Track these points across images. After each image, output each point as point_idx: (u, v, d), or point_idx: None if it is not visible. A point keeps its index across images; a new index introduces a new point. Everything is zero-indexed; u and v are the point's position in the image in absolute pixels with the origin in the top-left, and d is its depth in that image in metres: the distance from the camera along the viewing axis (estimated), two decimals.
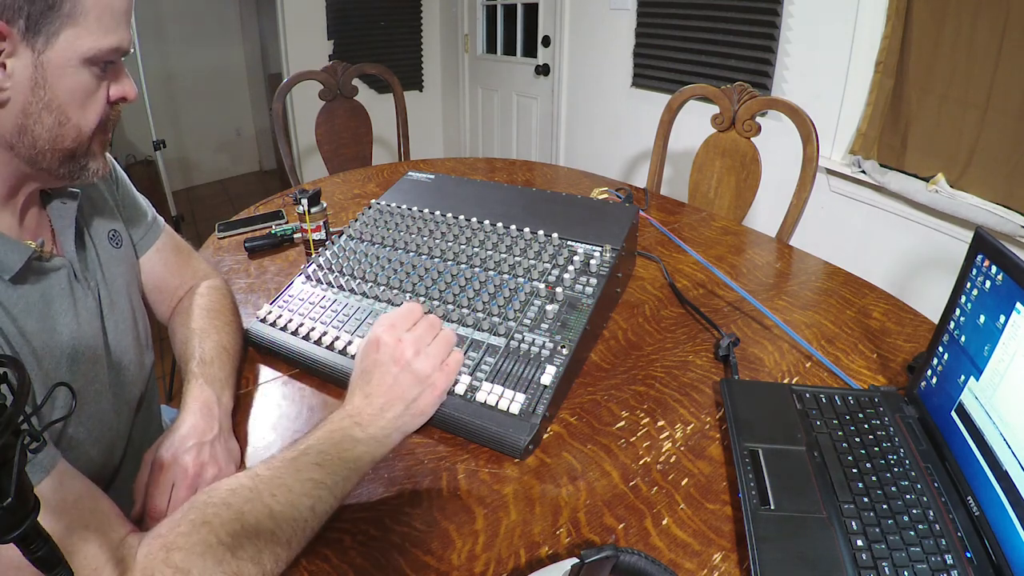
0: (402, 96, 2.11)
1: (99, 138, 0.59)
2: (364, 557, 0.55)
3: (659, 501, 0.61)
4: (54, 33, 0.50)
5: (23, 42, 0.49)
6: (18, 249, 0.55)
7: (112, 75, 0.57)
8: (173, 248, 0.83)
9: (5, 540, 0.30)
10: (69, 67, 0.52)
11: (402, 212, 1.03)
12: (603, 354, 0.84)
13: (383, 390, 0.62)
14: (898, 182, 1.77)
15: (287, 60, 3.32)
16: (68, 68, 0.52)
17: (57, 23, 0.50)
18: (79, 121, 0.55)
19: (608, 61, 2.72)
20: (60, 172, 0.57)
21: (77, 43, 0.51)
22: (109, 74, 0.56)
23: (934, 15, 1.64)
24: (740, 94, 1.52)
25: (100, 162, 0.60)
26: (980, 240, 0.64)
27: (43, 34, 0.49)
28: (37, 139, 0.53)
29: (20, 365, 0.31)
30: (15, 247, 0.55)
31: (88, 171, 0.59)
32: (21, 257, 0.54)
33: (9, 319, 0.53)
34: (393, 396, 0.62)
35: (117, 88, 0.58)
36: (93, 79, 0.54)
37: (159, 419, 0.82)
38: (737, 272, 1.11)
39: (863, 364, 0.83)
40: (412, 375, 0.63)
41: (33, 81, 0.50)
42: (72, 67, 0.52)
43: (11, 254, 0.54)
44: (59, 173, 0.57)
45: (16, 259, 0.54)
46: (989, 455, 0.56)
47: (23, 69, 0.50)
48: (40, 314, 0.56)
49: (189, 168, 4.29)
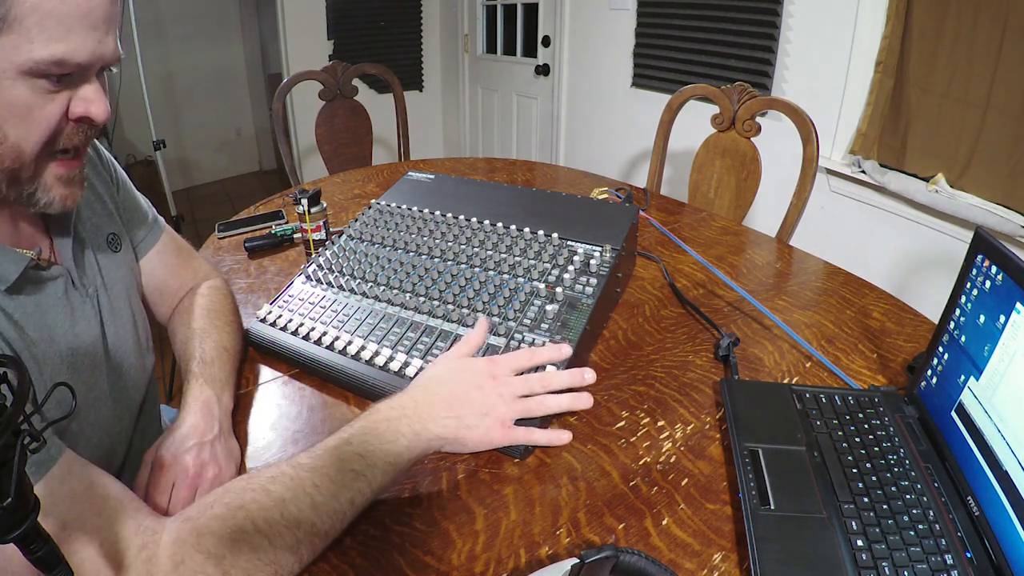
0: (402, 96, 2.11)
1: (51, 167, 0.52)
2: (364, 557, 0.55)
3: (659, 501, 0.61)
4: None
5: None
6: (14, 259, 0.53)
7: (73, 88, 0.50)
8: (174, 249, 0.83)
9: (5, 540, 0.30)
10: (3, 79, 0.46)
11: (402, 212, 1.03)
12: (603, 354, 0.84)
13: (452, 400, 0.61)
14: (898, 182, 1.77)
15: (287, 60, 3.32)
16: (2, 81, 0.46)
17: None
18: (17, 140, 0.48)
19: (608, 61, 2.72)
20: (10, 195, 0.52)
21: (10, 52, 0.45)
22: (67, 86, 0.50)
23: (934, 15, 1.64)
24: (740, 94, 1.52)
25: (53, 195, 0.53)
26: (980, 240, 0.64)
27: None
28: None
29: (20, 365, 0.31)
30: (12, 256, 0.53)
31: (38, 202, 0.53)
32: (18, 267, 0.53)
33: (11, 325, 0.52)
34: (456, 410, 0.61)
35: (79, 105, 0.51)
36: (36, 94, 0.48)
37: (159, 420, 0.82)
38: (737, 272, 1.11)
39: (863, 364, 0.83)
40: (484, 406, 0.62)
41: None
42: (7, 79, 0.46)
43: (7, 264, 0.52)
44: (9, 196, 0.52)
45: (13, 269, 0.52)
46: (989, 455, 0.56)
47: None
48: (37, 323, 0.55)
49: (189, 168, 4.29)
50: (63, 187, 0.54)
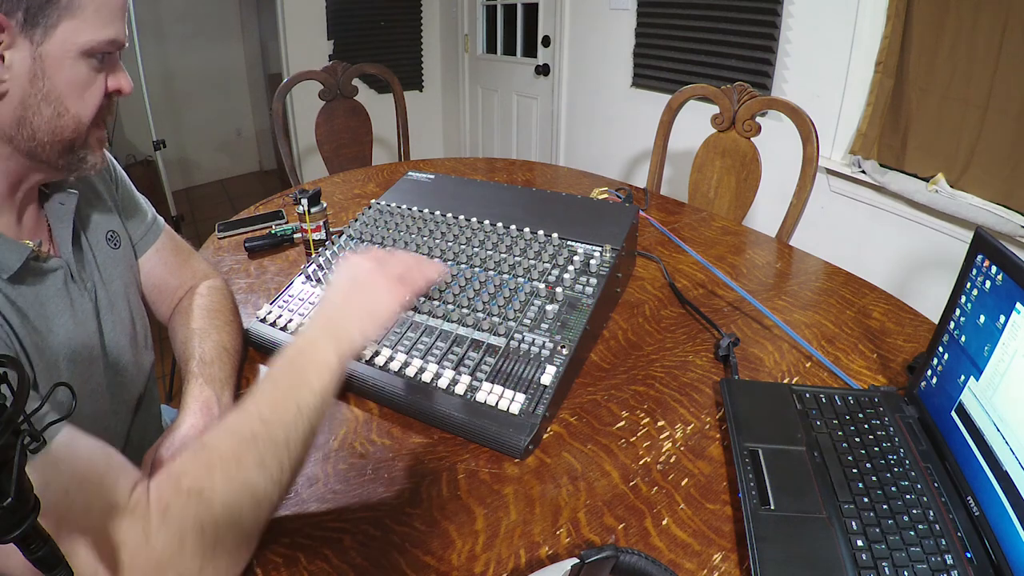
0: (402, 96, 2.11)
1: (95, 132, 0.60)
2: (364, 557, 0.55)
3: (659, 501, 0.61)
4: (52, 25, 0.50)
5: (21, 34, 0.50)
6: (16, 249, 0.55)
7: (108, 68, 0.58)
8: (173, 248, 0.83)
9: (5, 540, 0.30)
10: (67, 59, 0.53)
11: (402, 212, 1.03)
12: (603, 354, 0.84)
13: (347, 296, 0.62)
14: (898, 182, 1.77)
15: (287, 60, 3.32)
16: (66, 60, 0.53)
17: (55, 15, 0.50)
18: (77, 112, 0.56)
19: (608, 61, 2.72)
20: (59, 164, 0.58)
21: (75, 35, 0.52)
22: (106, 66, 0.57)
23: (934, 15, 1.64)
24: (740, 94, 1.52)
25: (98, 156, 0.61)
26: (980, 240, 0.64)
27: (41, 26, 0.50)
28: (36, 130, 0.54)
29: (20, 365, 0.31)
30: (13, 247, 0.55)
31: (86, 164, 0.60)
32: (20, 257, 0.55)
33: (15, 312, 0.53)
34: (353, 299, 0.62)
35: (113, 81, 0.58)
36: (91, 71, 0.55)
37: (159, 419, 0.82)
38: (737, 272, 1.11)
39: (863, 364, 0.83)
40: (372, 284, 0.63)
41: (32, 73, 0.51)
42: (70, 59, 0.53)
43: (9, 254, 0.54)
44: (58, 164, 0.58)
45: (14, 259, 0.54)
46: (989, 455, 0.56)
47: (21, 61, 0.50)
48: (36, 314, 0.56)
49: (189, 168, 4.29)
50: (101, 148, 0.62)
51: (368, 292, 0.62)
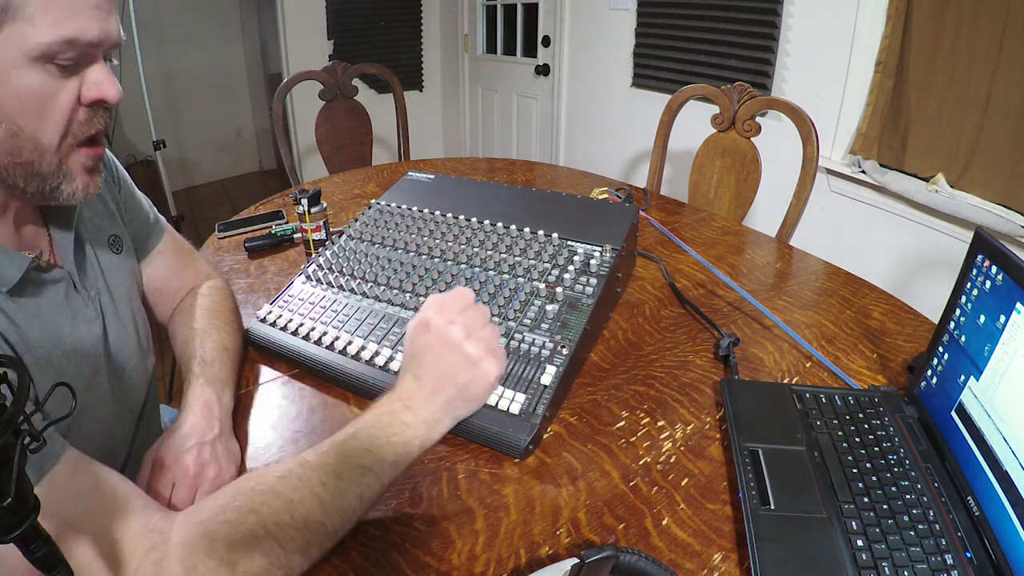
0: (402, 96, 2.11)
1: (73, 156, 0.52)
2: (364, 557, 0.55)
3: (659, 501, 0.61)
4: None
5: None
6: (15, 260, 0.52)
7: (83, 73, 0.49)
8: (175, 250, 0.82)
9: (5, 540, 0.30)
10: (13, 69, 0.45)
11: (402, 212, 1.03)
12: (603, 354, 0.84)
13: (434, 372, 0.58)
14: (898, 182, 1.77)
15: (287, 60, 3.32)
16: (12, 71, 0.45)
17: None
18: (34, 131, 0.48)
19: (608, 61, 2.72)
20: (30, 191, 0.51)
21: (17, 40, 0.44)
22: (76, 72, 0.49)
23: (934, 15, 1.64)
24: (740, 94, 1.52)
25: (77, 184, 0.53)
26: (980, 240, 0.64)
27: None
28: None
29: (20, 365, 0.31)
30: (12, 258, 0.52)
31: (60, 194, 0.52)
32: (19, 268, 0.52)
33: (12, 327, 0.51)
34: (444, 379, 0.57)
35: (92, 89, 0.50)
36: (47, 80, 0.47)
37: (159, 420, 0.82)
38: (737, 272, 1.11)
39: (863, 364, 0.83)
40: (464, 358, 0.58)
41: None
42: (16, 68, 0.45)
43: (8, 265, 0.52)
44: (30, 192, 0.51)
45: (14, 270, 0.52)
46: (989, 455, 0.56)
47: None
48: (39, 325, 0.54)
49: (189, 168, 4.29)
50: (86, 175, 0.54)
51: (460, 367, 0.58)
